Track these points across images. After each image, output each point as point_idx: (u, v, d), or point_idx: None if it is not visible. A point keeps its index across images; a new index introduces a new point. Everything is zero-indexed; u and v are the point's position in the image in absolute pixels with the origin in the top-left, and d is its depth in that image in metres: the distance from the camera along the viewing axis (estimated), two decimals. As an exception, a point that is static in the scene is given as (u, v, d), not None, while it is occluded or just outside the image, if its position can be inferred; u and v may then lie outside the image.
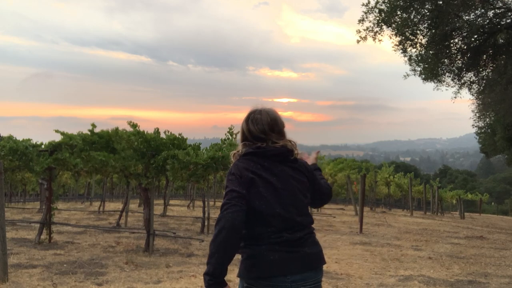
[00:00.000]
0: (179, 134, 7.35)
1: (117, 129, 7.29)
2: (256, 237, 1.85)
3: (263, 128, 1.95)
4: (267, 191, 1.87)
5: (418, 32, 12.20)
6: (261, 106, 2.04)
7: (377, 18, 11.91)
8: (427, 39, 12.29)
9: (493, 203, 48.79)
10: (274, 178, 1.90)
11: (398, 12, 11.67)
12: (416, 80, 14.72)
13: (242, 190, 1.81)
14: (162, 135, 7.14)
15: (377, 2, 11.69)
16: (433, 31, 11.83)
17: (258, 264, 1.81)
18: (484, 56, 13.14)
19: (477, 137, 26.43)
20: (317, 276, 1.89)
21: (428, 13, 11.67)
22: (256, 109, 2.03)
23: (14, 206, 16.89)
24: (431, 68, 12.76)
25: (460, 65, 13.26)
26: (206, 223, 9.47)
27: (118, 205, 16.00)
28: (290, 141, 2.00)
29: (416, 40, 12.42)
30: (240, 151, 1.99)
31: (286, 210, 1.87)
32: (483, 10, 12.11)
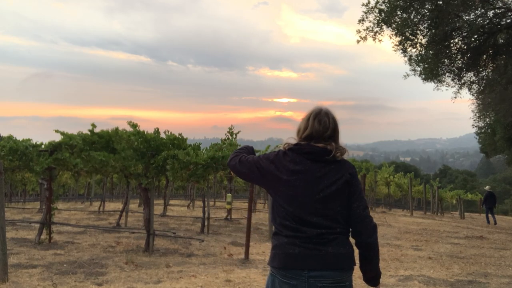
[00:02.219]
0: (179, 134, 7.34)
1: (117, 129, 7.29)
2: (280, 228, 1.97)
3: (325, 131, 1.98)
4: (286, 187, 1.95)
5: (418, 32, 12.21)
6: (325, 108, 2.04)
7: (377, 18, 11.92)
8: (427, 39, 12.29)
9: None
10: (296, 176, 1.94)
11: (398, 12, 11.68)
12: (416, 80, 14.74)
13: (247, 159, 2.11)
14: (162, 135, 7.13)
15: (377, 2, 11.70)
16: (433, 31, 11.83)
17: (278, 255, 1.94)
18: (484, 56, 13.14)
19: (477, 137, 26.44)
20: (339, 276, 1.88)
21: (428, 13, 11.67)
22: (321, 109, 2.03)
23: (14, 206, 16.89)
24: (431, 68, 12.77)
25: (460, 65, 13.26)
26: (206, 223, 9.45)
27: (118, 205, 16.01)
28: (338, 145, 2.00)
29: (416, 40, 12.43)
30: (286, 145, 2.03)
31: (301, 208, 1.92)
32: (483, 10, 12.12)
